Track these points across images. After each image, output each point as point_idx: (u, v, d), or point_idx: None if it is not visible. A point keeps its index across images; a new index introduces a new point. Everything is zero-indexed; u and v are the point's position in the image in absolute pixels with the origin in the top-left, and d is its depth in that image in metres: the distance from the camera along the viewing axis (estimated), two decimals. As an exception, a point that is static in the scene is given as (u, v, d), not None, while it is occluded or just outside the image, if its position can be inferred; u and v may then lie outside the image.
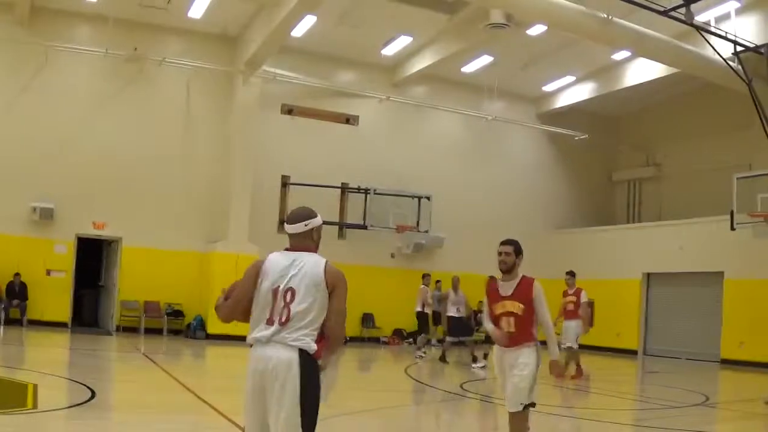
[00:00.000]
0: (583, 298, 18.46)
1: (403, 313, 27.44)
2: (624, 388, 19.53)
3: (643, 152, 33.89)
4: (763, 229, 21.95)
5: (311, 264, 5.25)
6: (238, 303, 5.31)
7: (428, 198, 28.54)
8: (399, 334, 28.28)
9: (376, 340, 27.97)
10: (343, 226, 28.65)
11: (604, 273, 29.79)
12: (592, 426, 12.26)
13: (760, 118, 22.77)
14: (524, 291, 7.59)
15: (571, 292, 18.54)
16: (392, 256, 29.32)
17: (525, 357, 7.48)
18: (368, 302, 27.22)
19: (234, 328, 23.81)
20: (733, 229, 22.65)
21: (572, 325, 18.17)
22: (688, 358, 26.90)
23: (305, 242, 5.43)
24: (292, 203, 27.01)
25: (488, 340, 19.76)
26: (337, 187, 28.43)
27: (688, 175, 31.15)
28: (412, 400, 15.03)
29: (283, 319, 5.04)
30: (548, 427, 11.49)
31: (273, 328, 5.03)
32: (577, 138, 32.36)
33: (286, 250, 5.37)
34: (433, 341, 25.33)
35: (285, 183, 27.53)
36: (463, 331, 21.70)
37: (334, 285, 5.21)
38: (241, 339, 19.74)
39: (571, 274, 18.85)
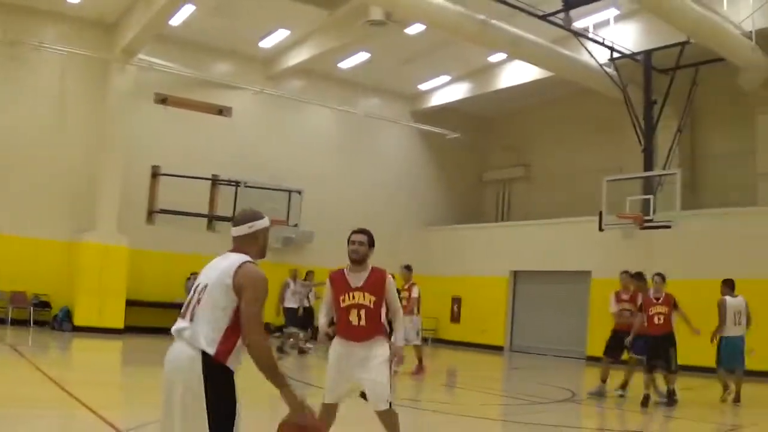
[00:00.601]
0: (414, 294, 18.46)
1: (271, 307, 27.74)
2: (490, 384, 19.95)
3: (514, 153, 35.01)
4: (631, 230, 22.78)
5: (227, 263, 5.02)
6: None
7: (299, 192, 28.71)
8: (266, 328, 28.54)
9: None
10: (212, 219, 28.67)
11: (473, 270, 30.75)
12: (459, 421, 12.45)
13: (633, 123, 23.93)
14: (376, 282, 7.48)
15: (406, 286, 18.47)
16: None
17: (378, 349, 7.39)
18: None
19: (100, 320, 23.83)
20: (601, 229, 23.41)
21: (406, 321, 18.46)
22: (554, 354, 27.86)
23: (246, 246, 5.24)
24: (163, 194, 27.24)
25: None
26: (208, 179, 28.45)
27: (558, 177, 32.44)
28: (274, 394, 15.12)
29: (191, 317, 4.89)
30: (415, 422, 11.98)
31: (181, 324, 4.92)
32: (449, 137, 33.33)
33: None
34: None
35: (155, 173, 27.41)
36: (298, 323, 22.79)
37: (241, 286, 4.86)
38: (107, 332, 20.06)
39: (408, 268, 18.74)
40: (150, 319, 25.72)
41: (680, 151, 25.49)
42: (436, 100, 33.52)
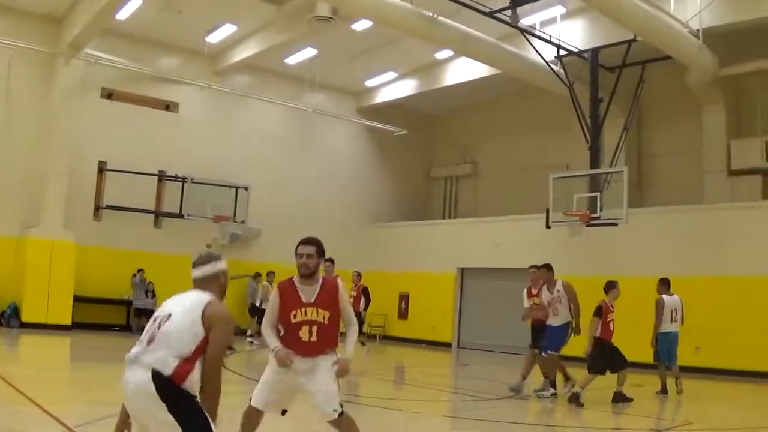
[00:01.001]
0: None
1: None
2: (438, 380, 20.03)
3: (461, 150, 35.21)
4: (578, 228, 22.95)
5: (194, 297, 5.19)
6: None
7: (246, 189, 28.72)
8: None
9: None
10: (159, 215, 28.65)
11: (420, 267, 30.83)
12: (407, 418, 12.44)
13: (580, 121, 24.13)
14: (329, 296, 6.99)
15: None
16: (208, 246, 29.27)
17: (325, 360, 6.91)
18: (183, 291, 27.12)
19: (48, 317, 23.57)
20: (548, 227, 23.62)
21: None
22: (502, 351, 27.91)
23: (208, 286, 5.39)
24: (109, 190, 27.01)
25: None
26: (155, 175, 28.39)
27: (505, 174, 32.75)
28: (230, 388, 15.09)
29: (151, 340, 4.93)
30: (364, 419, 11.92)
31: (137, 348, 4.94)
32: (396, 134, 33.51)
33: None
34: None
35: (102, 169, 27.22)
36: None
37: (211, 323, 4.98)
38: (55, 328, 20.08)
39: (330, 261, 17.69)
40: (97, 315, 25.60)
41: (627, 149, 25.83)
42: (383, 96, 33.56)
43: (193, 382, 4.84)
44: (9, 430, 8.58)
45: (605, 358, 14.69)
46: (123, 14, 24.46)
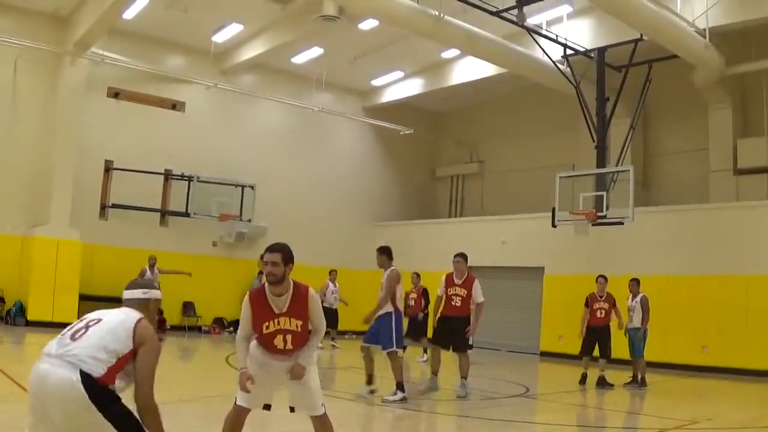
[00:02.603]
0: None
1: (224, 301, 27.79)
2: (444, 379, 20.10)
3: (467, 149, 35.22)
4: (584, 227, 22.89)
5: (127, 312, 5.34)
6: None
7: (252, 187, 28.78)
8: (220, 323, 28.47)
9: (197, 329, 28.01)
10: (165, 214, 28.68)
11: (426, 266, 30.68)
12: (413, 416, 12.43)
13: (586, 120, 24.08)
14: (300, 305, 6.82)
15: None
16: (214, 244, 29.44)
17: (304, 360, 6.84)
18: (189, 291, 27.27)
19: (54, 315, 23.65)
20: (554, 226, 23.54)
21: None
22: (508, 350, 28.02)
23: (139, 309, 5.48)
24: (115, 188, 27.05)
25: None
26: (161, 174, 28.42)
27: (511, 173, 32.78)
28: (233, 390, 15.01)
29: (76, 338, 5.01)
30: (369, 417, 12.25)
31: (60, 342, 5.03)
32: (402, 133, 33.48)
33: None
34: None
35: (108, 168, 27.27)
36: None
37: (142, 338, 5.13)
38: (61, 326, 20.01)
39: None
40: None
41: (633, 148, 25.75)
42: (390, 95, 33.56)
43: (118, 388, 4.92)
44: (14, 428, 8.57)
45: (591, 341, 17.49)
46: (129, 13, 24.45)
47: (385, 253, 14.29)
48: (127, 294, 5.59)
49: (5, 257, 24.68)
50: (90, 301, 24.44)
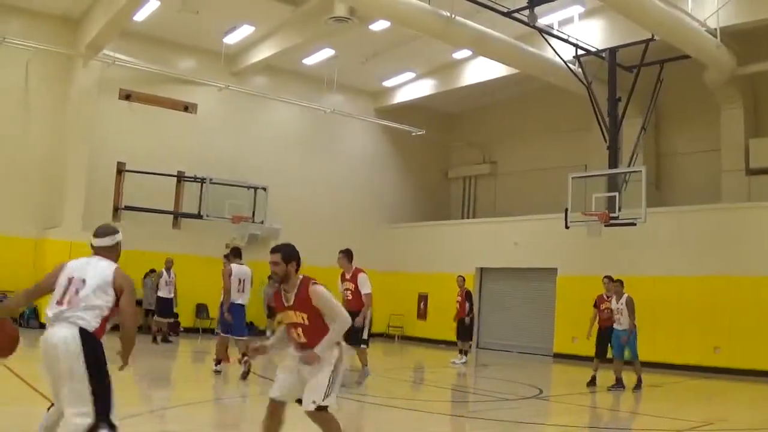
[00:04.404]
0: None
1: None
2: (458, 381, 20.10)
3: (479, 150, 35.24)
4: (597, 227, 22.87)
5: (104, 266, 6.36)
6: (35, 291, 6.58)
7: (264, 189, 28.78)
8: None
9: (210, 331, 28.03)
10: (178, 216, 28.77)
11: (439, 267, 30.77)
12: (426, 418, 12.34)
13: (598, 121, 24.08)
14: (304, 300, 7.12)
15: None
16: (227, 246, 29.45)
17: (320, 349, 7.03)
18: (202, 293, 27.17)
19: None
20: (567, 227, 23.52)
21: None
22: (520, 351, 28.03)
23: (108, 254, 6.54)
24: (128, 190, 27.17)
25: None
26: (173, 176, 28.54)
27: (524, 174, 32.83)
28: (245, 391, 14.92)
29: (71, 302, 6.05)
30: (384, 419, 12.16)
31: (60, 308, 6.03)
32: (414, 134, 33.57)
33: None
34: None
35: (120, 170, 27.36)
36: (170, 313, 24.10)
37: (122, 287, 6.25)
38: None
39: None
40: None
41: (645, 148, 25.77)
42: (401, 96, 33.56)
43: (103, 337, 6.12)
44: (26, 430, 8.64)
45: (602, 342, 17.76)
46: (141, 15, 24.54)
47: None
48: (98, 242, 6.57)
49: (18, 260, 24.69)
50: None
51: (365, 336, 15.21)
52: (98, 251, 6.53)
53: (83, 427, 5.82)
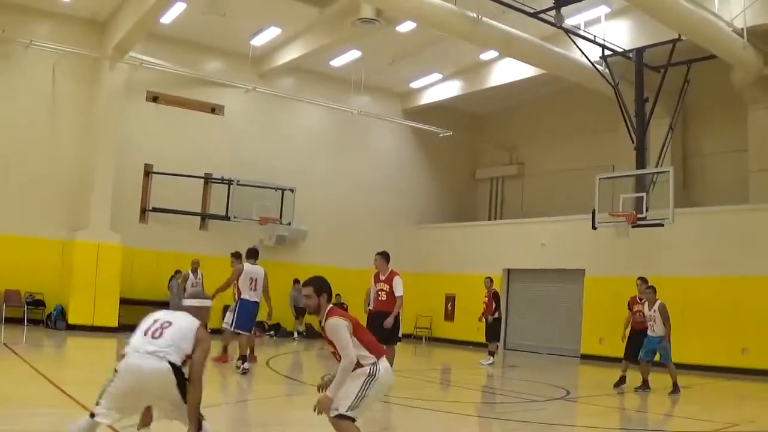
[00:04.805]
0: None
1: (264, 305, 27.80)
2: (485, 382, 20.10)
3: (506, 151, 35.24)
4: (624, 228, 22.78)
5: (192, 319, 7.14)
6: None
7: (292, 190, 28.80)
8: (261, 327, 28.54)
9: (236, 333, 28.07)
10: (205, 217, 28.88)
11: (466, 268, 30.76)
12: (454, 419, 12.33)
13: (625, 121, 24.03)
14: (324, 332, 7.26)
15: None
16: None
17: (331, 391, 6.99)
18: (229, 294, 27.15)
19: (95, 318, 23.84)
20: (594, 228, 23.45)
21: None
22: (548, 353, 27.98)
23: (197, 315, 7.28)
24: (155, 192, 27.32)
25: None
26: (201, 177, 28.62)
27: (551, 175, 32.71)
28: (275, 392, 14.97)
29: (156, 335, 6.79)
30: (411, 420, 12.12)
31: (151, 343, 6.73)
32: (441, 135, 33.54)
33: None
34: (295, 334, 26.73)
35: (148, 172, 27.51)
36: None
37: (200, 340, 6.95)
38: (101, 330, 20.25)
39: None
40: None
41: (672, 149, 25.60)
42: (428, 97, 33.57)
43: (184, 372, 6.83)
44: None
45: (633, 345, 17.52)
46: (167, 18, 24.72)
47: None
48: (187, 302, 7.52)
49: (46, 261, 24.95)
50: (130, 305, 24.66)
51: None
52: (187, 311, 7.32)
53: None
